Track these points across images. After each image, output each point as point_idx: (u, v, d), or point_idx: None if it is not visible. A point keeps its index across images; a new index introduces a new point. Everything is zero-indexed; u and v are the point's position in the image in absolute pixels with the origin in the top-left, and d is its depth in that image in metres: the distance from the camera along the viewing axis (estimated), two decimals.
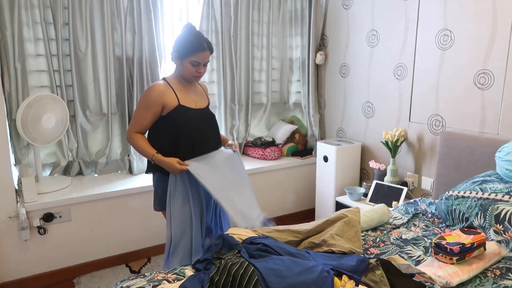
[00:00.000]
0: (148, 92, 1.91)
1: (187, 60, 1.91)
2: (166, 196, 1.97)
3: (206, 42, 1.94)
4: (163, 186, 1.99)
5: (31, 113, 2.37)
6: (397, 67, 2.89)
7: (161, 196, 2.01)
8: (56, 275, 2.54)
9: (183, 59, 1.91)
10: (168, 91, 1.92)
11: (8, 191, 2.32)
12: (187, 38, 1.91)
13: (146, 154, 1.92)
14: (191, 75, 1.95)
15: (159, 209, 2.06)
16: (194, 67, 1.92)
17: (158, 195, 2.04)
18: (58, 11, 2.55)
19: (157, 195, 2.04)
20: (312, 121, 3.54)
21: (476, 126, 2.44)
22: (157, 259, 2.82)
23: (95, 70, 2.74)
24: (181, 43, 1.92)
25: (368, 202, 2.82)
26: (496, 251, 1.70)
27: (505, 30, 2.24)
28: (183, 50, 1.90)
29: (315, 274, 1.36)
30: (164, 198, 1.99)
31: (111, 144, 2.89)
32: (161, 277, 1.53)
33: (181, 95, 1.95)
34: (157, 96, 1.89)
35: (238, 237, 1.71)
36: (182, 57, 1.91)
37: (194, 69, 1.92)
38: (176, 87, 1.95)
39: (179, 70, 1.97)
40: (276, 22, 3.47)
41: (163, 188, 1.99)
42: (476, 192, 2.00)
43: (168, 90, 1.92)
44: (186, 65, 1.92)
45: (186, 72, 1.94)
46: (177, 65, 1.97)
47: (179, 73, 1.98)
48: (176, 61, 1.96)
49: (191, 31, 1.94)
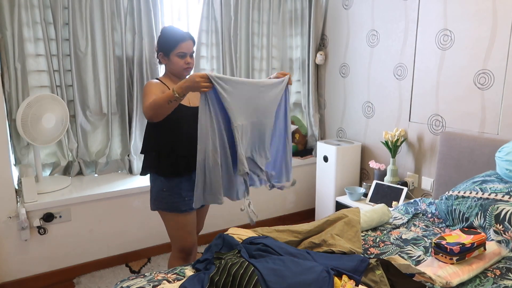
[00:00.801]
0: (148, 84, 1.94)
1: (173, 55, 1.93)
2: (161, 195, 1.96)
3: (186, 33, 1.97)
4: (158, 186, 1.97)
5: (31, 113, 2.37)
6: (397, 67, 2.89)
7: (155, 195, 2.00)
8: (56, 275, 2.54)
9: (169, 54, 1.94)
10: (163, 87, 1.94)
11: (8, 191, 2.32)
12: (167, 34, 1.95)
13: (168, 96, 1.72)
14: (180, 68, 1.96)
15: (155, 209, 2.04)
16: (182, 58, 1.94)
17: (153, 194, 2.02)
18: (58, 11, 2.55)
19: (152, 194, 2.03)
20: (312, 121, 3.54)
21: (476, 126, 2.44)
22: (157, 259, 2.83)
23: (95, 70, 2.74)
24: (162, 41, 1.96)
25: (368, 202, 2.82)
26: (496, 251, 1.70)
27: (505, 30, 2.24)
28: (166, 46, 1.94)
29: (315, 274, 1.36)
30: (159, 198, 1.98)
31: (111, 144, 2.89)
32: (161, 277, 1.53)
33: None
34: (156, 85, 1.92)
35: (238, 237, 1.71)
36: (167, 53, 1.94)
37: (182, 61, 1.94)
38: (169, 84, 1.97)
39: (168, 68, 2.00)
40: (276, 22, 3.47)
41: (157, 188, 1.98)
42: (476, 192, 2.00)
43: (163, 86, 1.95)
44: (173, 59, 1.94)
45: (175, 66, 1.95)
46: (166, 64, 1.99)
47: (169, 71, 2.00)
48: (163, 60, 1.98)
49: (168, 28, 1.97)
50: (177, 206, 1.95)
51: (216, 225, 3.07)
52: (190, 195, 1.93)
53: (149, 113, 1.81)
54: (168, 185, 1.94)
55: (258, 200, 3.28)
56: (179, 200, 1.95)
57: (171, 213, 1.97)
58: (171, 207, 1.96)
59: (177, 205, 1.95)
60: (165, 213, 2.00)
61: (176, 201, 1.95)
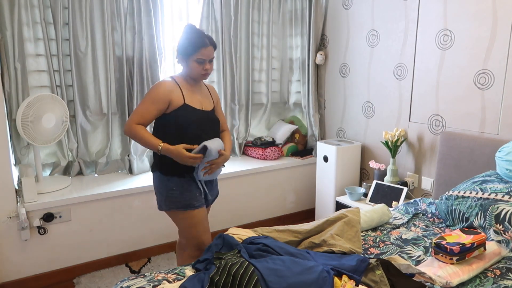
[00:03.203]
0: (156, 87, 1.89)
1: (191, 59, 1.89)
2: (171, 195, 1.92)
3: (208, 38, 1.92)
4: (167, 185, 1.93)
5: (31, 113, 2.37)
6: (397, 67, 2.89)
7: (166, 195, 1.94)
8: (56, 275, 2.54)
9: (188, 58, 1.90)
10: (175, 89, 1.91)
11: (8, 191, 2.32)
12: (188, 37, 1.90)
13: (151, 145, 1.86)
14: (198, 74, 1.93)
15: (167, 209, 1.98)
16: (200, 65, 1.90)
17: (162, 194, 1.96)
18: (58, 11, 2.55)
19: (162, 194, 1.97)
20: (312, 121, 3.54)
21: (476, 126, 2.44)
22: (157, 259, 2.82)
23: (95, 70, 2.74)
24: (183, 43, 1.91)
25: (368, 202, 2.82)
26: (496, 251, 1.70)
27: (505, 30, 2.24)
28: (186, 49, 1.89)
29: (315, 274, 1.36)
30: (170, 197, 1.93)
31: (111, 144, 2.89)
32: (161, 277, 1.53)
33: (187, 94, 1.94)
34: (165, 92, 1.88)
35: (238, 237, 1.72)
36: (186, 57, 1.90)
37: (200, 67, 1.91)
38: (183, 86, 1.94)
39: (186, 71, 1.96)
40: (276, 22, 3.47)
41: (167, 187, 1.93)
42: (476, 192, 2.00)
43: (176, 88, 1.91)
44: (192, 64, 1.90)
45: (193, 71, 1.92)
46: (183, 66, 1.96)
47: (186, 73, 1.96)
48: (182, 62, 1.95)
49: (192, 30, 1.92)
50: (190, 203, 1.93)
51: (216, 225, 3.07)
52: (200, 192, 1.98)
53: (128, 133, 1.91)
54: (178, 183, 1.92)
55: (258, 200, 3.28)
56: (190, 196, 1.93)
57: (185, 211, 1.94)
58: (184, 205, 1.93)
59: (190, 202, 1.93)
60: (178, 212, 1.96)
61: (188, 198, 1.93)
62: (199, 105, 1.97)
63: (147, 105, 1.88)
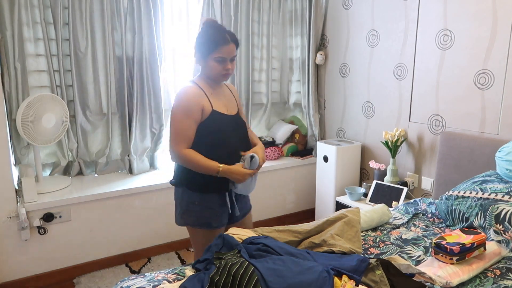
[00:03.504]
0: (184, 97, 1.70)
1: (210, 58, 1.71)
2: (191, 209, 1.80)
3: (229, 34, 1.73)
4: (189, 198, 1.79)
5: (31, 113, 2.37)
6: (397, 67, 2.89)
7: (185, 208, 1.81)
8: (56, 275, 2.54)
9: (206, 57, 1.72)
10: (201, 94, 1.73)
11: (8, 191, 2.32)
12: (207, 33, 1.72)
13: (209, 169, 1.69)
14: (218, 74, 1.74)
15: (182, 224, 1.85)
16: (220, 64, 1.71)
17: (182, 207, 1.82)
18: (58, 11, 2.55)
19: (181, 207, 1.83)
20: (312, 121, 3.54)
21: (476, 126, 2.44)
22: (157, 259, 2.83)
23: (95, 70, 2.74)
24: (201, 40, 1.72)
25: (368, 202, 2.82)
26: (496, 251, 1.70)
27: (505, 30, 2.24)
28: (204, 47, 1.71)
29: (315, 274, 1.36)
30: (189, 212, 1.80)
31: (111, 144, 2.89)
32: (161, 277, 1.53)
33: (213, 100, 1.77)
34: (196, 99, 1.70)
35: (238, 237, 1.71)
36: (205, 55, 1.72)
37: (220, 67, 1.72)
38: (207, 90, 1.76)
39: (205, 71, 1.77)
40: (276, 22, 3.47)
41: (187, 200, 1.80)
42: (476, 192, 2.00)
43: (201, 93, 1.74)
44: (211, 63, 1.72)
45: (212, 71, 1.73)
46: (202, 66, 1.77)
47: (206, 74, 1.78)
48: (200, 61, 1.76)
49: (211, 26, 1.73)
50: (208, 222, 1.80)
51: None
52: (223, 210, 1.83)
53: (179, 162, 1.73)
54: (201, 198, 1.78)
55: (258, 200, 3.28)
56: (211, 215, 1.80)
57: (201, 229, 1.81)
58: (201, 223, 1.80)
59: (208, 221, 1.80)
60: (193, 229, 1.84)
61: (208, 216, 1.80)
62: (225, 110, 1.81)
63: (184, 121, 1.69)
